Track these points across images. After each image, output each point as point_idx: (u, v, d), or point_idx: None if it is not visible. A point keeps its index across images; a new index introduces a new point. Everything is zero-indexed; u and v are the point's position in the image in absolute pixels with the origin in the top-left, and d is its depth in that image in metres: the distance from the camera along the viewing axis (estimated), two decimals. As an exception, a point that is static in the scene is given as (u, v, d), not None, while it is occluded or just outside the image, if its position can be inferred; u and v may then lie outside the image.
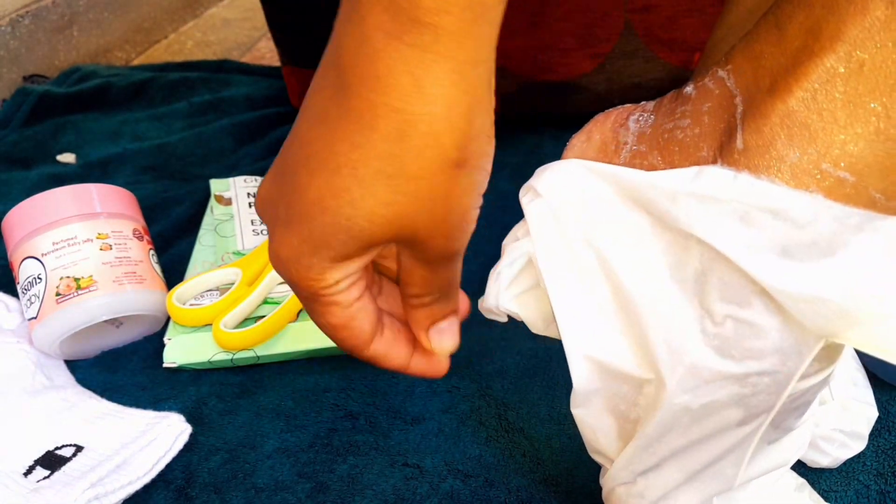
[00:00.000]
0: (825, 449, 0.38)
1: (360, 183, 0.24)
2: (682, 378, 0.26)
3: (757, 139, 0.24)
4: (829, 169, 0.22)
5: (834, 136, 0.22)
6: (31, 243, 0.47)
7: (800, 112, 0.23)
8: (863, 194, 0.22)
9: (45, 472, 0.39)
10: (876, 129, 0.22)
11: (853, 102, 0.22)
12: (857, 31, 0.21)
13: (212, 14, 1.33)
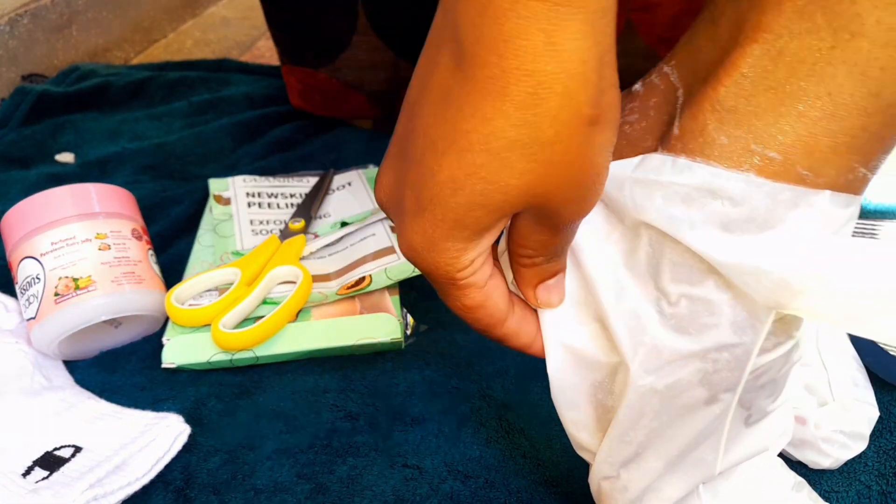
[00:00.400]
0: (826, 450, 0.38)
1: (495, 156, 0.23)
2: (643, 359, 0.27)
3: (691, 125, 0.26)
4: (758, 149, 0.24)
5: (760, 119, 0.24)
6: (30, 243, 0.47)
7: (728, 98, 0.25)
8: (791, 171, 0.24)
9: (44, 473, 0.39)
10: (797, 111, 0.23)
11: (775, 88, 0.24)
12: (776, 22, 0.23)
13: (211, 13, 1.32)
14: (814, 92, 0.23)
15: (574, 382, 0.31)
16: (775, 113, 0.24)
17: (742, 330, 0.26)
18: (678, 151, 0.26)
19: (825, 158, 0.24)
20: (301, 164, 0.71)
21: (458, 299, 0.28)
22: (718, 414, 0.28)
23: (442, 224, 0.25)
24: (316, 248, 0.54)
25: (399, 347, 0.48)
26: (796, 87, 0.23)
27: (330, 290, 0.51)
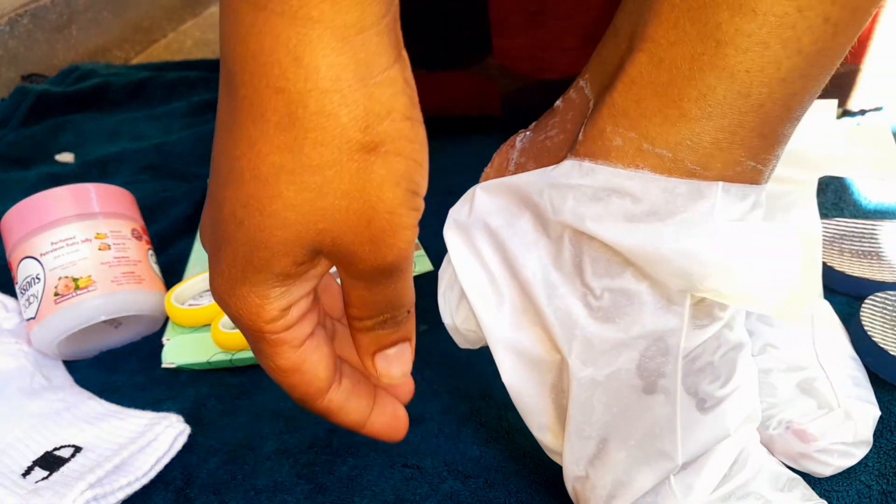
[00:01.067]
0: (826, 461, 0.38)
1: (264, 184, 0.21)
2: (579, 351, 0.29)
3: (592, 131, 0.27)
4: (650, 148, 0.26)
5: (649, 121, 0.26)
6: (30, 243, 0.47)
7: (621, 103, 0.27)
8: (682, 167, 0.26)
9: (44, 473, 0.39)
10: (679, 112, 0.25)
11: (660, 92, 0.26)
12: (657, 32, 0.25)
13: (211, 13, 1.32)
14: (691, 94, 0.25)
15: (529, 386, 0.32)
16: (662, 115, 0.26)
17: (663, 315, 0.27)
18: (583, 156, 0.28)
19: (710, 154, 0.26)
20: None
21: (269, 357, 0.25)
22: (664, 401, 0.29)
23: (234, 265, 0.23)
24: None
25: (399, 347, 0.48)
26: (677, 90, 0.25)
27: (330, 290, 0.51)
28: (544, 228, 0.29)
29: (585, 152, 0.28)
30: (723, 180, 0.26)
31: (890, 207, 0.61)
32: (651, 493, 0.31)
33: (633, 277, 0.27)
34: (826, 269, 0.51)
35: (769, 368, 0.41)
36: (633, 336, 0.28)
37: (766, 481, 0.34)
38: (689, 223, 0.26)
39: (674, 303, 0.27)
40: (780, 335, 0.42)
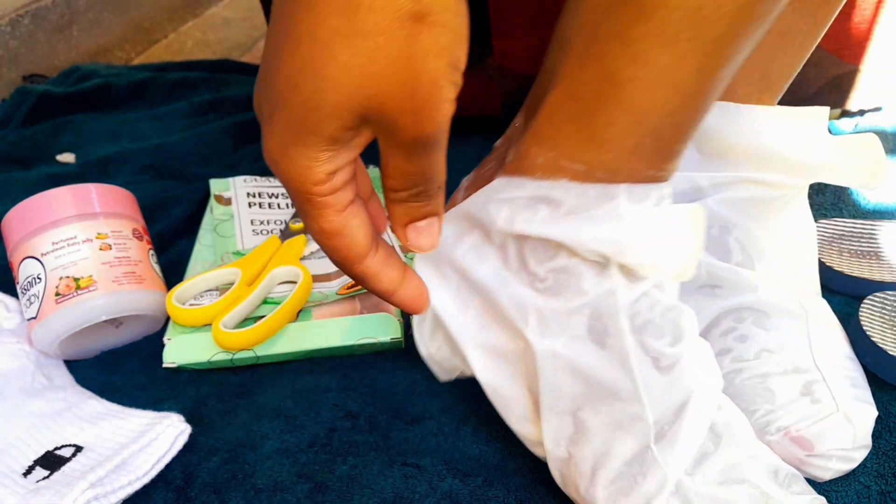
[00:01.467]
0: (826, 465, 0.38)
1: (322, 47, 0.23)
2: (534, 326, 0.33)
3: (519, 152, 0.32)
4: (567, 164, 0.31)
5: (565, 143, 0.31)
6: (31, 243, 0.47)
7: (543, 129, 0.31)
8: (593, 176, 0.31)
9: (45, 473, 0.39)
10: (587, 136, 0.30)
11: (573, 120, 0.30)
12: (568, 72, 0.30)
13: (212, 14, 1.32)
14: (598, 123, 0.30)
15: (503, 379, 0.36)
16: (575, 138, 0.30)
17: (597, 281, 0.32)
18: (512, 173, 0.32)
19: (616, 167, 0.31)
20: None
21: (314, 220, 0.28)
22: (619, 359, 0.32)
23: (288, 127, 0.25)
24: (316, 247, 0.54)
25: (399, 347, 0.49)
26: (586, 119, 0.30)
27: (330, 289, 0.51)
28: (489, 238, 0.34)
29: (514, 170, 0.32)
30: (629, 183, 0.31)
31: (889, 207, 0.61)
32: (636, 463, 0.33)
33: (567, 256, 0.32)
34: (825, 269, 0.51)
35: (766, 373, 0.41)
36: (579, 304, 0.33)
37: (763, 473, 0.34)
38: (600, 216, 0.31)
39: (603, 269, 0.32)
40: (776, 339, 0.42)
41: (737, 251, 0.44)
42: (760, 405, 0.39)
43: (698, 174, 0.45)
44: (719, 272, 0.44)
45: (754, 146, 0.43)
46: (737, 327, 0.43)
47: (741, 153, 0.44)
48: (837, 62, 0.69)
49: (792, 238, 0.45)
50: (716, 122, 0.44)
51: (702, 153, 0.45)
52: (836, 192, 0.63)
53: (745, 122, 0.43)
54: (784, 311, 0.43)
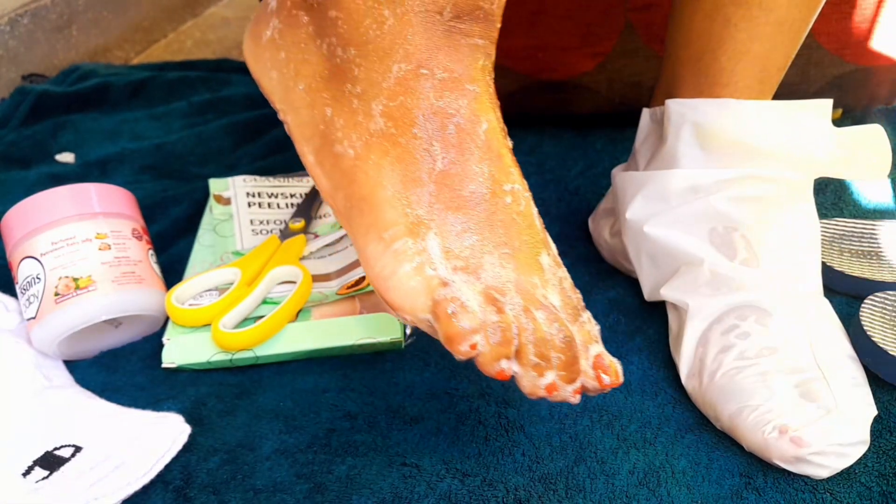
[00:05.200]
0: (822, 463, 0.38)
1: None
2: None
3: None
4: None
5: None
6: (30, 243, 0.47)
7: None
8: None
9: (44, 473, 0.39)
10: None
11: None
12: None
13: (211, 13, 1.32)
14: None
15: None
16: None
17: None
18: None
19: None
20: (301, 165, 0.71)
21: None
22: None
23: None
24: (316, 247, 0.54)
25: (399, 347, 0.48)
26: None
27: (330, 289, 0.51)
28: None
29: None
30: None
31: (889, 207, 0.61)
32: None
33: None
34: (826, 269, 0.51)
35: (766, 371, 0.41)
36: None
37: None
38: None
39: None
40: (778, 337, 0.42)
41: (742, 248, 0.44)
42: (759, 403, 0.39)
43: (702, 171, 0.45)
44: (722, 270, 0.44)
45: (758, 142, 0.43)
46: (739, 325, 0.43)
47: (745, 150, 0.44)
48: (838, 62, 0.69)
49: (796, 236, 0.45)
50: (719, 118, 0.44)
51: (705, 150, 0.45)
52: (837, 191, 0.63)
53: (749, 118, 0.43)
54: (786, 310, 0.43)
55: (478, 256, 0.34)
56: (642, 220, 0.47)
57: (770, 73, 0.45)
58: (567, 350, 0.34)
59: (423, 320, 0.34)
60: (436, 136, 0.34)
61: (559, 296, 0.36)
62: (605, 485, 0.39)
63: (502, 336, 0.33)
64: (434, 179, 0.34)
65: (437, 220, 0.34)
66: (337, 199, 0.37)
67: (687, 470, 0.39)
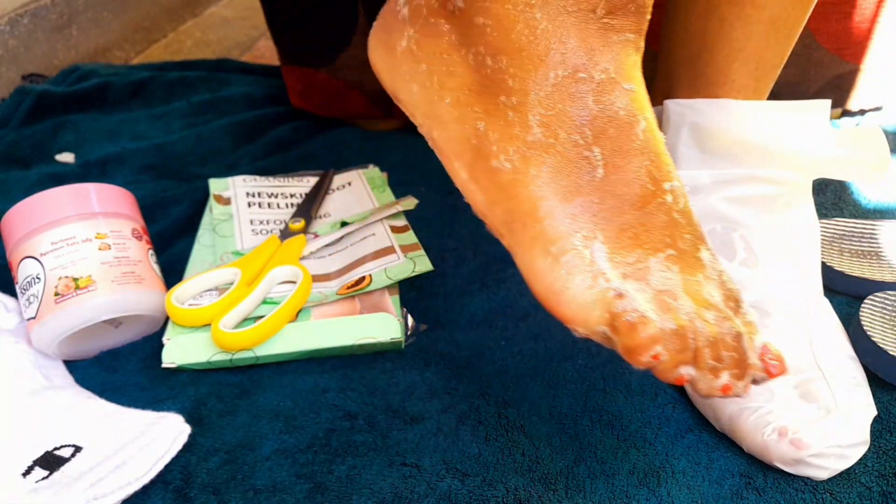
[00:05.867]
0: (822, 464, 0.38)
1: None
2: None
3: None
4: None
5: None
6: (30, 243, 0.47)
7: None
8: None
9: (44, 473, 0.39)
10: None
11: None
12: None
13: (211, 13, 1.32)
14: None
15: None
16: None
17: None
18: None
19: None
20: (301, 164, 0.71)
21: None
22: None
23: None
24: (316, 247, 0.54)
25: (399, 347, 0.48)
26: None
27: (330, 289, 0.51)
28: None
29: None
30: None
31: (890, 207, 0.61)
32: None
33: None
34: (826, 269, 0.51)
35: None
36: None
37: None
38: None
39: None
40: (777, 338, 0.42)
41: (741, 249, 0.44)
42: (759, 404, 0.39)
43: (701, 172, 0.45)
44: None
45: (757, 142, 0.43)
46: None
47: (744, 150, 0.44)
48: (838, 62, 0.69)
49: (795, 236, 0.45)
50: (717, 119, 0.44)
51: (704, 151, 0.45)
52: (837, 191, 0.63)
53: (747, 118, 0.43)
54: (786, 310, 0.43)
55: (644, 261, 0.33)
56: None
57: (765, 72, 0.45)
58: (738, 348, 0.33)
59: (598, 332, 0.33)
60: (596, 141, 0.33)
61: (719, 290, 0.35)
62: (605, 485, 0.39)
63: (680, 343, 0.32)
64: (596, 186, 0.33)
65: (602, 228, 0.33)
66: (495, 214, 0.35)
67: (687, 470, 0.39)
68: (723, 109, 0.44)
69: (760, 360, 0.34)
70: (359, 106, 0.76)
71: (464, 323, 0.51)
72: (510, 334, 0.49)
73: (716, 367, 0.33)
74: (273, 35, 0.74)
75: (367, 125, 0.79)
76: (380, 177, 0.64)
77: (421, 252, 0.52)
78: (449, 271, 0.56)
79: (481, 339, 0.49)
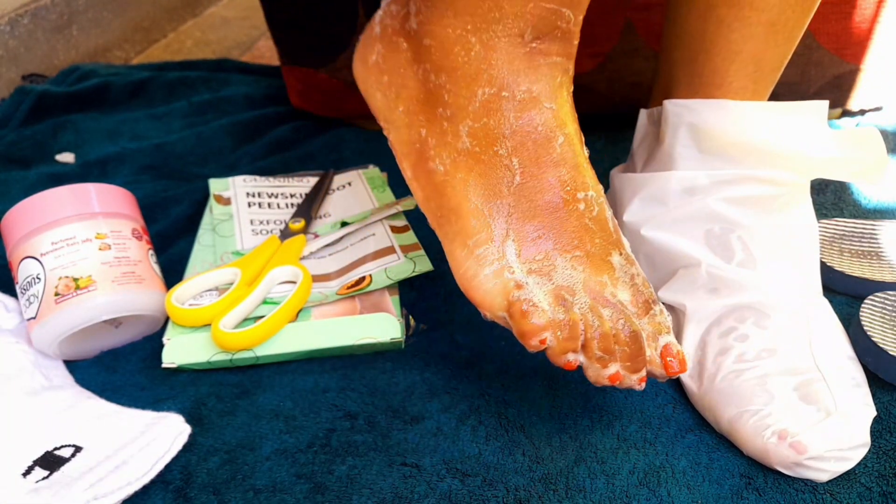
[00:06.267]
0: (822, 467, 0.38)
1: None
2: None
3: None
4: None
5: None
6: (30, 243, 0.47)
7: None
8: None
9: (44, 473, 0.39)
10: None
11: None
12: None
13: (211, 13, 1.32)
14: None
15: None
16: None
17: None
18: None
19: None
20: (301, 164, 0.71)
21: None
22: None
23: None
24: (316, 247, 0.54)
25: (399, 347, 0.48)
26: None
27: (330, 289, 0.51)
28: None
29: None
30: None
31: (890, 207, 0.61)
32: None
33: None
34: (826, 269, 0.51)
35: (765, 374, 0.40)
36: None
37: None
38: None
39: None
40: (777, 339, 0.42)
41: (739, 250, 0.44)
42: (759, 407, 0.39)
43: (699, 172, 0.45)
44: (720, 272, 0.44)
45: (755, 143, 0.43)
46: (737, 327, 0.43)
47: (742, 150, 0.44)
48: (838, 62, 0.69)
49: (794, 237, 0.45)
50: (716, 119, 0.44)
51: (702, 151, 0.45)
52: (837, 191, 0.63)
53: (745, 118, 0.43)
54: (785, 311, 0.43)
55: (551, 260, 0.38)
56: (640, 222, 0.47)
57: (764, 74, 0.45)
58: (632, 343, 0.37)
59: (500, 317, 0.38)
60: (515, 152, 0.38)
61: (629, 291, 0.39)
62: (605, 485, 0.39)
63: (570, 332, 0.36)
64: (513, 192, 0.38)
65: (515, 228, 0.38)
66: (430, 209, 0.41)
67: (687, 470, 0.39)
68: (720, 110, 0.44)
69: (661, 356, 0.38)
70: (359, 106, 0.76)
71: (464, 323, 0.51)
72: (510, 334, 0.49)
73: (604, 358, 0.37)
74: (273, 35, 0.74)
75: (367, 125, 0.79)
76: (380, 177, 0.64)
77: (421, 252, 0.52)
78: (449, 271, 0.56)
79: (481, 339, 0.49)
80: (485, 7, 0.35)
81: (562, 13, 0.36)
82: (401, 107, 0.41)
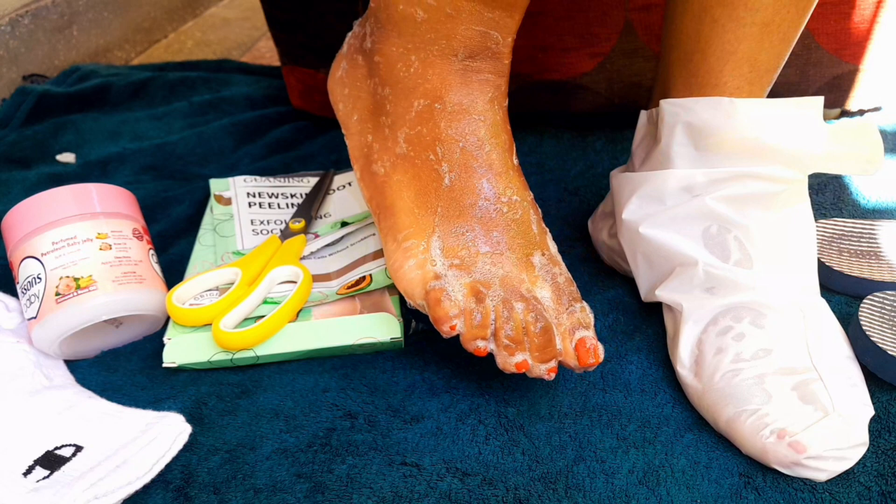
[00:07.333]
0: (821, 467, 0.38)
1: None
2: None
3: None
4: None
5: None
6: (31, 243, 0.47)
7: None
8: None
9: (45, 472, 0.39)
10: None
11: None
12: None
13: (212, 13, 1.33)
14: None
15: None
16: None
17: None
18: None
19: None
20: (301, 165, 0.72)
21: None
22: None
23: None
24: (316, 247, 0.54)
25: (399, 347, 0.49)
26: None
27: (330, 289, 0.51)
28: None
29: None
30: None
31: (889, 207, 0.61)
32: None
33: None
34: (825, 269, 0.51)
35: (763, 373, 0.40)
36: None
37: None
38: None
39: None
40: (774, 338, 0.42)
41: (735, 250, 0.44)
42: (757, 407, 0.39)
43: (696, 171, 0.45)
44: (717, 272, 0.44)
45: (751, 140, 0.43)
46: (734, 326, 0.43)
47: (738, 147, 0.44)
48: (837, 62, 0.69)
49: (791, 236, 0.45)
50: (711, 117, 0.44)
51: (699, 149, 0.45)
52: (836, 191, 0.63)
53: (741, 115, 0.43)
54: (782, 311, 0.43)
55: (473, 256, 0.41)
56: (638, 220, 0.47)
57: (759, 74, 0.45)
58: (542, 335, 0.40)
59: (420, 305, 0.42)
60: (445, 158, 0.42)
61: (550, 289, 0.42)
62: (604, 484, 0.39)
63: (480, 321, 0.40)
64: (442, 194, 0.42)
65: (442, 226, 0.42)
66: (372, 206, 0.46)
67: (686, 469, 0.40)
68: (715, 107, 0.44)
69: (575, 349, 0.41)
70: (359, 106, 0.76)
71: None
72: (510, 334, 0.49)
73: (511, 347, 0.40)
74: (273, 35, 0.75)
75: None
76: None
77: (421, 252, 0.52)
78: (449, 271, 0.56)
79: (481, 338, 0.49)
80: (423, 29, 0.39)
81: (490, 35, 0.39)
82: (356, 115, 0.46)
